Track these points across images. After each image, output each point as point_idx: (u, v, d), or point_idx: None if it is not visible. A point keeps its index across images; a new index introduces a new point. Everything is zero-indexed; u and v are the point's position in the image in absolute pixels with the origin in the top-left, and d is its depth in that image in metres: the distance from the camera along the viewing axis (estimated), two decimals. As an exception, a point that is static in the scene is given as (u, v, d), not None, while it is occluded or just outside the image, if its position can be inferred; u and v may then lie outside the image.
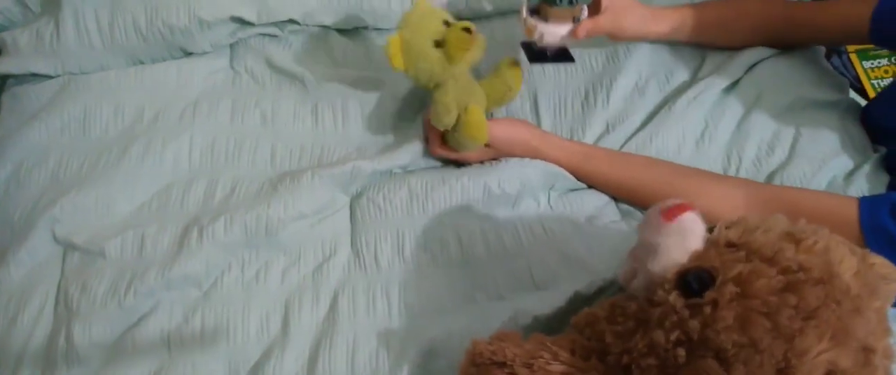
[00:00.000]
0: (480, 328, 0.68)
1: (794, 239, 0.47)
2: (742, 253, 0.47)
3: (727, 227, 0.51)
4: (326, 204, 0.80)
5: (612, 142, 0.86)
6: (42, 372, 0.69)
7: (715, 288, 0.45)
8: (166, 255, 0.75)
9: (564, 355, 0.54)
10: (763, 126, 0.84)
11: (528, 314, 0.67)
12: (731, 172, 0.83)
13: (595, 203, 0.81)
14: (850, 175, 0.80)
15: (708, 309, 0.45)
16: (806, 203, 0.72)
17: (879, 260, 0.51)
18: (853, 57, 1.34)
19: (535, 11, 0.77)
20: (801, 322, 0.43)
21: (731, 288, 0.45)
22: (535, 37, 0.77)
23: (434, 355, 0.67)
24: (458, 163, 0.85)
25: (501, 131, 0.81)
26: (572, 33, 0.78)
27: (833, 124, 0.84)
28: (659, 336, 0.47)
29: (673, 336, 0.46)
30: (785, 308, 0.43)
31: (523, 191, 0.80)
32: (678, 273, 0.48)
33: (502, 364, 0.54)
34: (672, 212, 0.51)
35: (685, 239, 0.50)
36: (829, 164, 0.80)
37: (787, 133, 0.84)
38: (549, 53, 0.80)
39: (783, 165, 0.82)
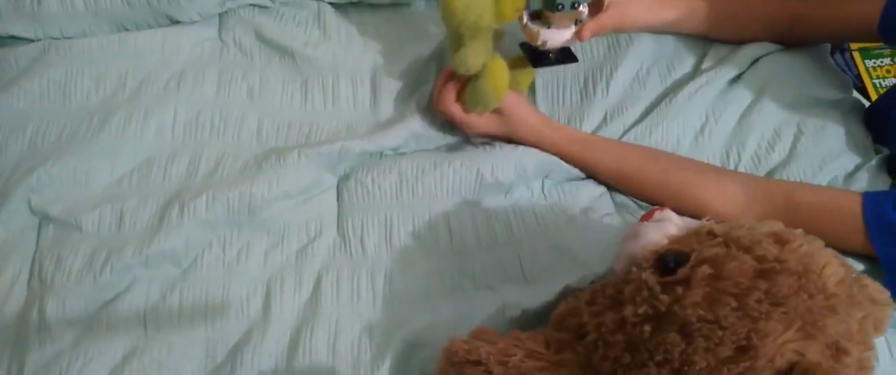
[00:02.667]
0: (467, 318, 0.67)
1: (780, 239, 0.48)
2: (720, 240, 0.48)
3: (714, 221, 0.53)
4: (312, 183, 0.78)
5: (611, 132, 0.84)
6: (12, 347, 0.67)
7: (688, 267, 0.47)
8: (145, 231, 0.73)
9: (538, 350, 0.55)
10: (764, 122, 0.83)
11: (517, 307, 0.65)
12: (730, 168, 0.81)
13: (590, 194, 0.80)
14: (851, 175, 0.79)
15: (679, 288, 0.46)
16: (807, 196, 0.71)
17: (874, 285, 0.52)
18: (856, 55, 1.33)
19: (535, 16, 0.74)
20: (769, 307, 0.44)
21: (704, 269, 0.46)
22: (539, 43, 0.74)
23: (418, 345, 0.66)
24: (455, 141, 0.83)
25: (515, 101, 0.80)
26: (576, 35, 0.75)
27: (836, 123, 0.82)
28: (629, 311, 0.48)
29: (641, 310, 0.47)
30: (754, 291, 0.44)
31: (517, 180, 0.78)
32: (656, 252, 0.50)
33: (477, 363, 0.54)
34: (650, 213, 0.56)
35: (663, 225, 0.53)
36: (830, 164, 0.79)
37: (789, 130, 0.82)
38: (552, 56, 0.77)
39: (783, 163, 0.80)
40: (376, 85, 0.87)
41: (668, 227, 0.53)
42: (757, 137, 0.82)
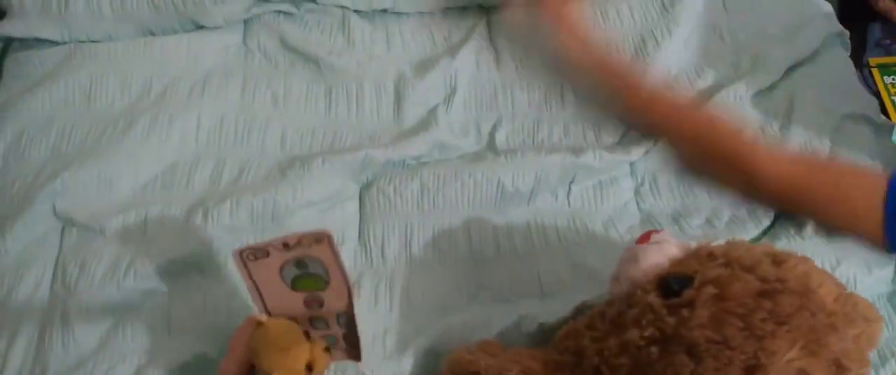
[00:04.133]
0: (482, 329, 0.66)
1: (776, 259, 0.49)
2: (722, 261, 0.49)
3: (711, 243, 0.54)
4: (336, 192, 0.78)
5: (639, 137, 0.82)
6: (36, 351, 0.67)
7: (693, 288, 0.47)
8: (169, 237, 0.73)
9: (535, 368, 0.56)
10: (794, 137, 0.82)
11: (534, 321, 0.65)
12: None
13: (615, 202, 0.79)
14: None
15: (685, 311, 0.46)
16: (841, 162, 0.69)
17: (863, 302, 0.53)
18: (875, 72, 1.32)
19: None
20: (774, 326, 0.44)
21: (709, 290, 0.46)
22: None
23: (433, 353, 0.66)
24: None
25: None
26: None
27: (866, 140, 0.82)
28: (633, 334, 0.48)
29: (647, 333, 0.47)
30: (759, 310, 0.45)
31: (539, 187, 0.78)
32: (659, 276, 0.50)
33: (476, 374, 0.55)
34: (646, 235, 0.56)
35: (663, 248, 0.53)
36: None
37: (822, 145, 0.81)
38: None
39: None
40: (400, 93, 0.87)
41: (668, 249, 0.54)
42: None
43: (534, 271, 0.73)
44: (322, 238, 0.52)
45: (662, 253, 0.53)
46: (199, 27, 0.89)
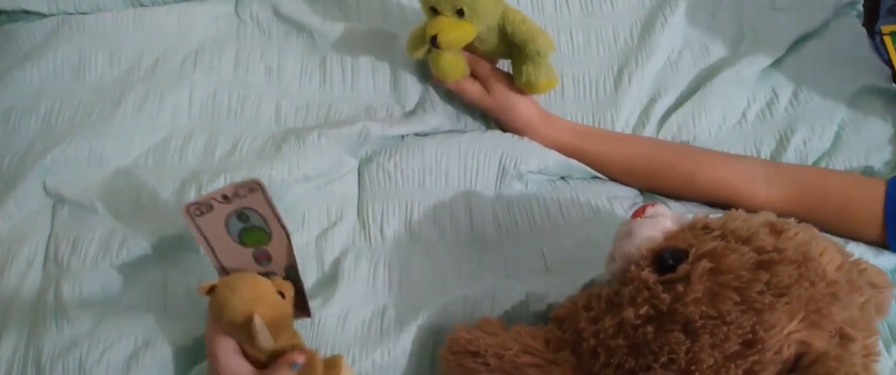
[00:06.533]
0: (486, 306, 0.65)
1: (775, 229, 0.48)
2: (717, 233, 0.48)
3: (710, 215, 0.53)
4: (333, 166, 0.76)
5: (648, 120, 0.81)
6: (29, 331, 0.67)
7: (688, 263, 0.46)
8: (162, 213, 0.72)
9: (536, 346, 0.55)
10: (807, 111, 0.80)
11: (543, 300, 0.64)
12: (775, 158, 0.79)
13: (617, 190, 0.78)
14: (894, 170, 0.76)
15: (680, 286, 0.45)
16: (831, 179, 0.69)
17: (872, 268, 0.52)
18: (887, 39, 1.29)
19: None
20: (772, 298, 0.43)
21: (704, 264, 0.45)
22: None
23: (433, 330, 0.65)
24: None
25: (502, 85, 0.77)
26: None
27: (879, 113, 0.80)
28: (629, 313, 0.47)
29: (642, 311, 0.47)
30: (756, 283, 0.44)
31: (540, 174, 0.77)
32: (653, 250, 0.49)
33: (476, 354, 0.55)
34: (641, 209, 0.54)
35: (657, 221, 0.52)
36: (874, 155, 0.76)
37: (833, 120, 0.79)
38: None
39: (828, 153, 0.78)
40: (397, 65, 0.84)
41: (662, 223, 0.52)
42: (801, 126, 0.79)
43: (537, 248, 0.71)
44: (255, 187, 0.51)
45: (657, 227, 0.52)
46: (190, -4, 0.87)
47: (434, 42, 0.71)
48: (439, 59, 0.76)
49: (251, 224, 0.54)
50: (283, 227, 0.55)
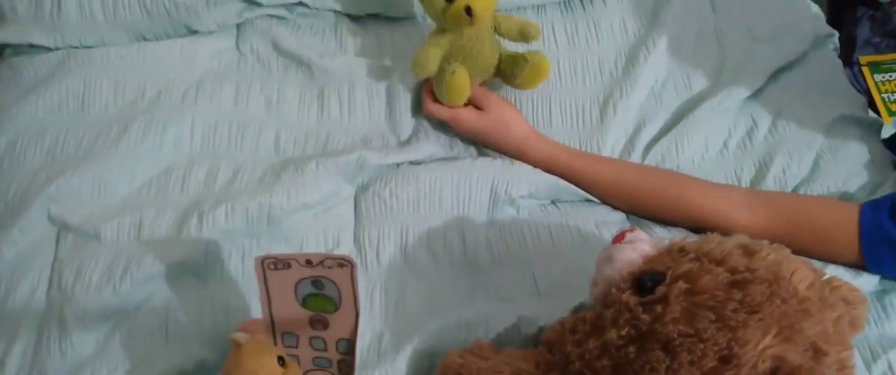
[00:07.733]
0: (479, 329, 0.67)
1: (748, 250, 0.50)
2: (693, 256, 0.50)
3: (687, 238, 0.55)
4: (331, 194, 0.78)
5: (634, 148, 0.84)
6: (33, 355, 0.67)
7: (665, 285, 0.48)
8: (164, 241, 0.73)
9: (527, 369, 0.56)
10: (786, 140, 0.83)
11: (534, 323, 0.65)
12: (754, 185, 0.81)
13: (605, 209, 0.80)
14: (873, 193, 0.79)
15: (659, 307, 0.47)
16: (810, 206, 0.72)
17: (845, 285, 0.54)
18: (865, 69, 1.33)
19: None
20: (745, 315, 0.45)
21: (680, 285, 0.47)
22: None
23: (429, 354, 0.66)
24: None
25: (502, 103, 0.82)
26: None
27: (856, 141, 0.83)
28: (612, 334, 0.49)
29: (623, 332, 0.48)
30: (729, 301, 0.46)
31: (531, 198, 0.79)
32: (633, 273, 0.51)
33: None
34: (620, 235, 0.56)
35: (635, 246, 0.54)
36: (852, 181, 0.79)
37: (811, 148, 0.82)
38: None
39: (806, 180, 0.81)
40: (392, 97, 0.87)
41: (641, 247, 0.54)
42: (780, 154, 0.82)
43: (529, 272, 0.73)
44: (346, 264, 0.52)
45: (636, 252, 0.54)
46: (192, 32, 0.89)
47: (469, 12, 0.74)
48: (454, 78, 0.79)
49: (323, 292, 0.55)
50: (357, 309, 0.55)
